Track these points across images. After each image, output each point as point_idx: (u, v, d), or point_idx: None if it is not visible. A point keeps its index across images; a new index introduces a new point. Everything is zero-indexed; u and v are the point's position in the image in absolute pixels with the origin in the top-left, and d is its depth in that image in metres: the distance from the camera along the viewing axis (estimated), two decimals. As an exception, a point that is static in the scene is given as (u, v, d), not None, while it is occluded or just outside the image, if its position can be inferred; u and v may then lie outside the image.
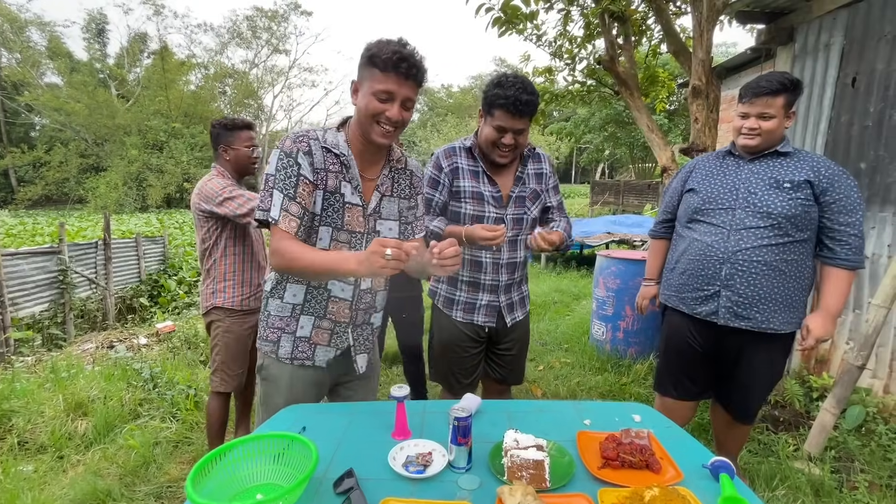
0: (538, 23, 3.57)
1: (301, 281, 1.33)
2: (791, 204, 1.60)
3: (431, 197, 1.66)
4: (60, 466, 2.25)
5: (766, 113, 1.61)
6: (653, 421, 1.27)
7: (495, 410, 1.32)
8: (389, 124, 1.22)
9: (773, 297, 1.64)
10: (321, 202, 1.25)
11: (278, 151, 1.23)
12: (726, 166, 1.77)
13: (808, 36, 2.96)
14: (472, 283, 1.72)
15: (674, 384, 1.94)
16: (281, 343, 1.35)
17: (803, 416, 2.66)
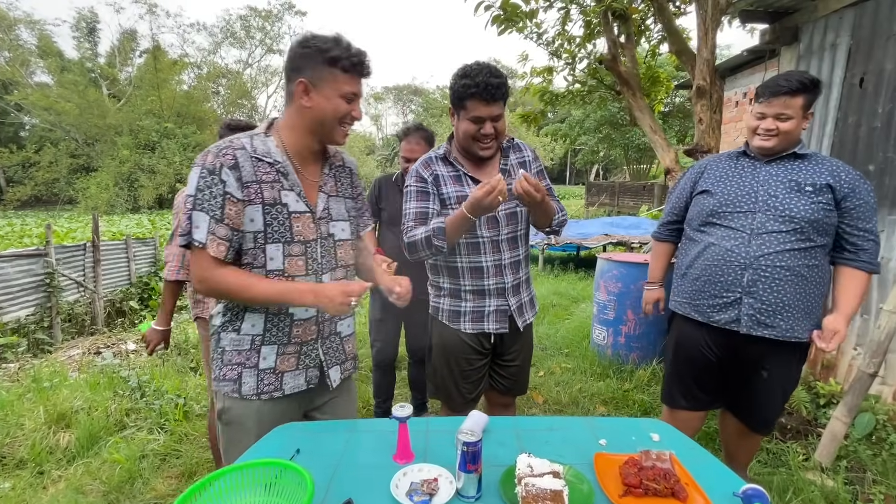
0: (538, 21, 3.50)
1: (258, 309, 1.22)
2: (814, 208, 1.54)
3: (426, 210, 1.57)
4: (40, 483, 2.14)
5: (784, 114, 1.54)
6: (672, 440, 1.19)
7: (503, 429, 1.23)
8: (351, 123, 1.22)
9: (796, 303, 1.58)
10: (262, 218, 1.15)
11: (198, 168, 1.11)
12: (742, 168, 1.69)
13: (813, 35, 2.91)
14: (477, 291, 1.63)
15: (683, 394, 1.86)
16: (243, 380, 1.22)
17: (811, 424, 2.60)
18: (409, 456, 1.10)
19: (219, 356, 1.23)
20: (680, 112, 17.81)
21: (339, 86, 1.15)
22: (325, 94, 1.15)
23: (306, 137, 1.21)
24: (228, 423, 1.26)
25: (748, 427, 1.81)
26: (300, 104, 1.16)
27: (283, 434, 1.22)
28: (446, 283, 1.66)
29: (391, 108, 47.68)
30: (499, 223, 1.59)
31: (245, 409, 1.24)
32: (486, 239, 1.58)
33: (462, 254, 1.59)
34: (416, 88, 45.89)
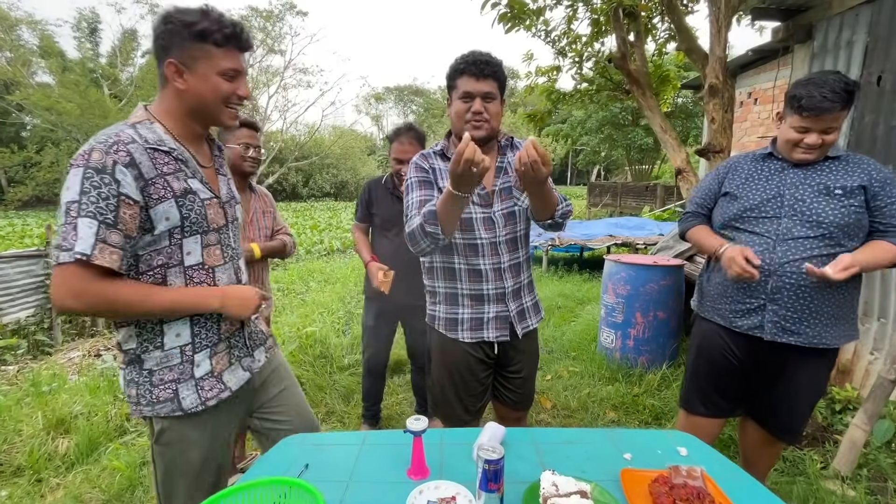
0: (546, 18, 3.45)
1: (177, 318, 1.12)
2: (844, 212, 1.47)
3: (429, 199, 1.45)
4: (38, 491, 2.08)
5: (831, 128, 1.45)
6: (701, 455, 1.13)
7: (521, 442, 1.17)
8: (239, 103, 1.12)
9: (824, 310, 1.52)
10: (178, 212, 1.05)
11: (80, 169, 0.95)
12: (768, 170, 1.62)
13: (827, 33, 2.85)
14: (475, 296, 1.53)
15: (703, 401, 1.80)
16: (181, 395, 1.11)
17: (827, 430, 2.53)
18: (424, 472, 1.04)
19: (146, 380, 1.10)
20: (682, 112, 17.74)
21: (216, 62, 1.05)
22: (199, 73, 1.05)
23: (189, 122, 1.11)
24: (168, 444, 1.15)
25: (772, 435, 1.75)
26: (175, 87, 1.06)
27: (291, 448, 1.16)
28: (442, 287, 1.57)
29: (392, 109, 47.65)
30: (495, 224, 1.50)
31: (187, 425, 1.14)
32: (484, 241, 1.49)
33: (459, 254, 1.51)
34: (417, 89, 45.88)
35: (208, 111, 1.10)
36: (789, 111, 1.51)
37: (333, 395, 3.02)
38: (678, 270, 3.40)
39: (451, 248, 1.51)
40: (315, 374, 3.24)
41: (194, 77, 1.05)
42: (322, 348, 3.61)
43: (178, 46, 1.03)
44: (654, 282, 3.29)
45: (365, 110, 44.49)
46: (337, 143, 31.43)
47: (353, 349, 3.70)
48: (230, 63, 1.06)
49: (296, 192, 30.15)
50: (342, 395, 3.02)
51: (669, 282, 3.31)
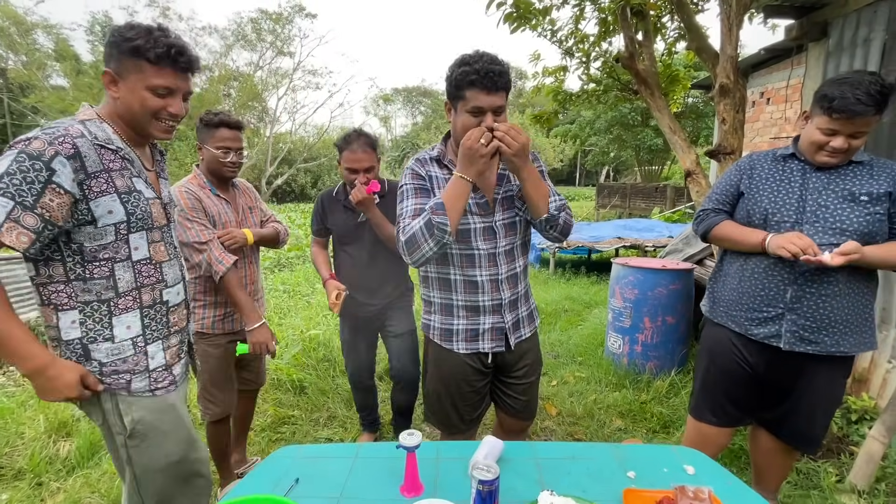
0: (552, 18, 3.39)
1: (129, 307, 1.14)
2: (869, 220, 1.41)
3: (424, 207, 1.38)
4: (38, 495, 2.08)
5: (860, 132, 1.38)
6: (709, 473, 1.07)
7: (520, 457, 1.13)
8: (172, 120, 1.16)
9: (843, 319, 1.47)
10: (122, 207, 1.10)
11: (15, 152, 0.99)
12: (790, 172, 1.54)
13: (843, 31, 2.76)
14: (471, 308, 1.48)
15: (712, 409, 1.74)
16: (133, 385, 1.15)
17: (842, 441, 2.45)
18: (417, 488, 1.00)
19: (95, 370, 1.11)
20: (692, 113, 17.51)
21: (146, 78, 1.08)
22: (129, 85, 1.09)
23: (126, 127, 1.16)
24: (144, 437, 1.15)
25: (790, 445, 1.69)
26: (110, 95, 1.12)
27: (282, 460, 1.13)
28: (437, 297, 1.52)
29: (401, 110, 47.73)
30: (496, 235, 1.45)
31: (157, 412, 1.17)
32: (482, 252, 1.44)
33: (455, 265, 1.46)
34: (425, 90, 45.89)
35: (136, 122, 1.13)
36: (818, 111, 1.43)
37: (336, 399, 2.99)
38: (688, 274, 3.33)
39: (447, 258, 1.46)
40: (318, 378, 3.21)
41: (124, 88, 1.10)
42: (326, 352, 3.59)
43: (115, 58, 1.09)
44: (663, 286, 3.22)
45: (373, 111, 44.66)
46: (345, 144, 31.52)
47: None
48: (161, 80, 1.09)
49: (304, 193, 30.32)
50: (344, 399, 2.99)
51: (679, 286, 3.24)
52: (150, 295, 1.17)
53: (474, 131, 1.26)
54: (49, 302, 1.08)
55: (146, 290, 1.16)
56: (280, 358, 3.39)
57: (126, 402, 1.13)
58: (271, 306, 5.05)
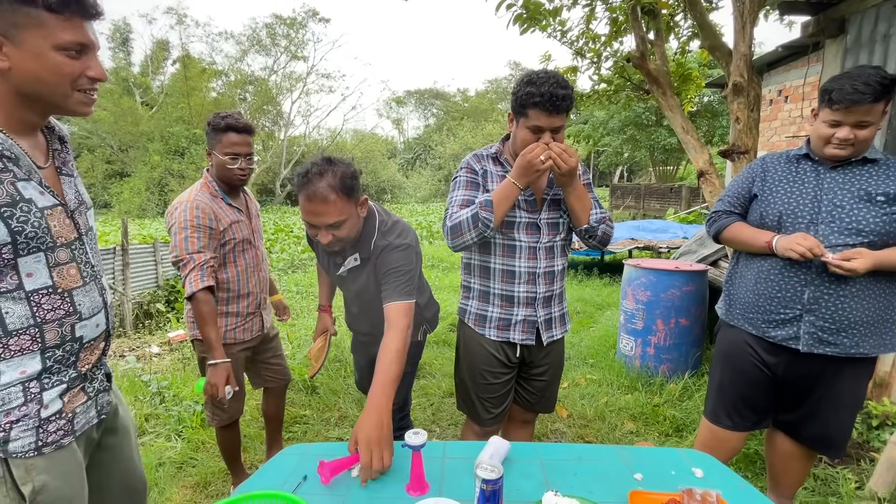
0: (562, 19, 3.39)
1: (28, 347, 0.87)
2: (886, 220, 1.39)
3: (472, 199, 1.51)
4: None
5: (865, 121, 1.37)
6: (718, 477, 1.06)
7: (526, 458, 1.13)
8: (93, 86, 0.88)
9: (863, 320, 1.44)
10: (3, 226, 0.81)
11: None
12: (803, 173, 1.54)
13: (862, 27, 2.70)
14: (507, 297, 1.57)
15: (728, 412, 1.72)
16: (11, 436, 0.85)
17: (862, 448, 2.39)
18: (423, 487, 1.01)
19: None
20: (708, 112, 17.24)
21: (50, 34, 0.81)
22: (29, 48, 0.81)
23: (19, 110, 0.86)
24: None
25: (811, 448, 1.66)
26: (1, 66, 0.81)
27: (290, 458, 1.15)
28: (476, 283, 1.63)
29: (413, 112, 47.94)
30: (539, 230, 1.54)
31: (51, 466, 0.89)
32: (523, 244, 1.53)
33: (497, 254, 1.55)
34: (437, 92, 46.03)
35: (49, 96, 0.85)
36: (821, 105, 1.46)
37: (347, 399, 3.02)
38: (702, 276, 3.28)
39: (489, 247, 1.55)
40: (329, 379, 3.25)
41: (21, 52, 0.81)
42: (337, 352, 3.62)
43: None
44: (676, 287, 3.18)
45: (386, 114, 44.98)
46: (358, 146, 31.85)
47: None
48: (72, 35, 0.83)
49: (318, 196, 30.63)
50: (355, 399, 3.01)
51: (692, 287, 3.19)
52: (55, 332, 0.90)
53: (536, 147, 1.36)
54: None
55: (50, 326, 0.89)
56: (292, 358, 3.43)
57: (19, 468, 0.86)
58: (284, 307, 5.12)
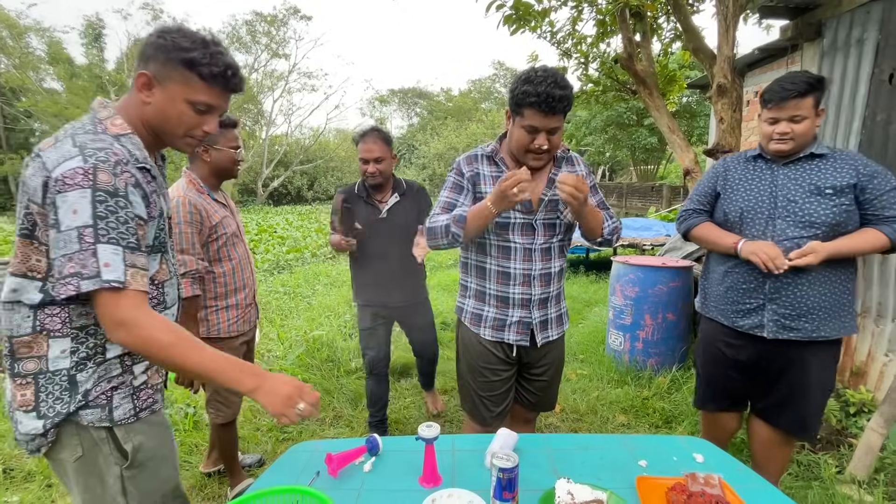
0: (551, 20, 3.44)
1: None
2: (835, 211, 1.52)
3: (454, 202, 1.52)
4: (49, 496, 2.08)
5: (797, 115, 1.53)
6: (718, 461, 1.11)
7: (534, 448, 1.16)
8: (202, 137, 1.07)
9: (822, 305, 1.57)
10: (154, 232, 1.01)
11: (88, 191, 0.86)
12: (759, 171, 1.68)
13: (837, 31, 2.81)
14: (502, 298, 1.55)
15: (712, 396, 1.88)
16: (114, 403, 0.99)
17: (841, 434, 2.50)
18: (436, 479, 1.03)
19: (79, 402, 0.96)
20: (686, 112, 17.63)
21: (191, 92, 0.99)
22: (169, 94, 0.99)
23: (149, 136, 1.04)
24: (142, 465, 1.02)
25: (787, 433, 1.75)
26: (140, 97, 1.00)
27: (301, 455, 1.16)
28: (473, 282, 1.62)
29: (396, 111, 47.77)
30: (535, 231, 1.51)
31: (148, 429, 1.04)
32: (518, 245, 1.51)
33: (492, 255, 1.54)
34: (421, 91, 45.93)
35: (164, 133, 1.04)
36: (762, 109, 1.63)
37: (341, 398, 3.01)
38: (687, 272, 3.37)
39: (485, 247, 1.54)
40: (322, 378, 3.23)
41: (162, 94, 0.99)
42: (329, 352, 3.61)
43: (159, 62, 0.98)
44: (663, 283, 3.26)
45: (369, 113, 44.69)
46: (341, 146, 31.54)
47: (359, 353, 3.69)
48: (205, 97, 1.01)
49: (301, 196, 30.26)
50: (349, 398, 3.01)
51: (678, 283, 3.28)
52: None
53: (513, 177, 1.26)
54: (42, 328, 0.94)
55: None
56: (284, 359, 3.41)
57: (123, 428, 1.00)
58: (272, 308, 5.07)
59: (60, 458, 0.99)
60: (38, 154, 0.93)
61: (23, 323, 0.94)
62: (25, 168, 0.94)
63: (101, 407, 0.98)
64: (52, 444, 0.97)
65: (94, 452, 0.99)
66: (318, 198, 30.18)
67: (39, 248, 0.92)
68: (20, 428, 0.96)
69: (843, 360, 2.85)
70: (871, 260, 2.65)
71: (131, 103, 1.02)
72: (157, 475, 1.06)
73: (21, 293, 0.93)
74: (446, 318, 4.71)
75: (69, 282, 0.85)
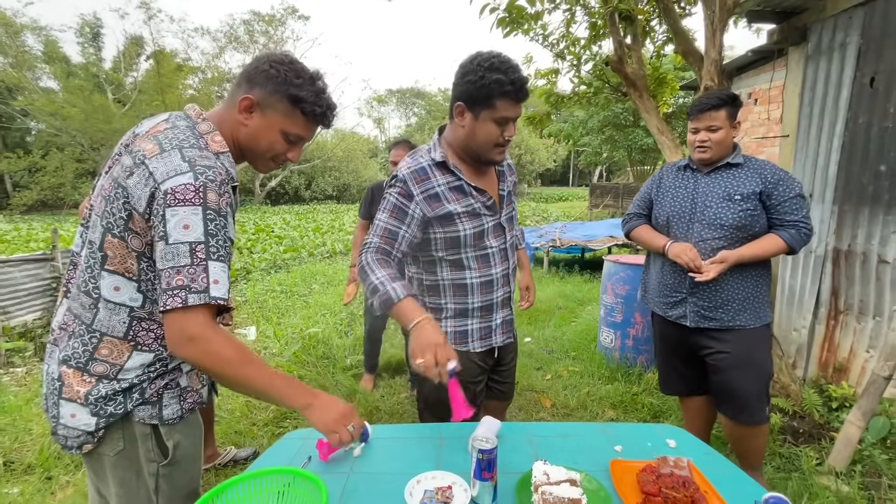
0: (544, 22, 3.50)
1: None
2: (741, 215, 1.73)
3: (397, 230, 1.34)
4: (48, 488, 2.13)
5: (713, 125, 1.76)
6: (689, 446, 1.17)
7: (516, 435, 1.22)
8: (284, 161, 1.12)
9: (736, 297, 1.78)
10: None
11: (199, 209, 0.89)
12: (685, 179, 1.90)
13: (822, 35, 2.88)
14: (486, 307, 1.47)
15: (667, 380, 2.12)
16: (164, 402, 1.02)
17: (823, 428, 2.56)
18: (466, 409, 1.10)
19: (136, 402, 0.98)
20: (683, 113, 17.72)
21: (289, 124, 1.04)
22: (267, 122, 1.03)
23: (235, 151, 1.08)
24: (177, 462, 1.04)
25: (730, 417, 1.87)
26: (237, 118, 1.04)
27: (294, 442, 1.21)
28: (450, 303, 1.46)
29: (394, 111, 47.82)
30: (504, 230, 1.48)
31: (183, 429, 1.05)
32: (494, 249, 1.45)
33: (472, 268, 1.42)
34: (418, 91, 46.01)
35: (251, 154, 1.09)
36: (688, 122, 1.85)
37: (336, 394, 3.05)
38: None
39: (462, 263, 1.42)
40: (318, 375, 3.29)
41: (260, 122, 1.03)
42: (325, 349, 3.66)
43: (267, 91, 1.01)
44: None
45: (367, 113, 44.72)
46: (339, 146, 31.54)
47: (354, 350, 3.75)
48: (300, 131, 1.06)
49: (298, 195, 30.24)
50: (344, 394, 3.06)
51: (668, 282, 3.34)
52: None
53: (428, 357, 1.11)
54: (133, 338, 0.97)
55: None
56: (280, 356, 3.46)
57: (168, 427, 1.02)
58: (269, 306, 5.11)
59: (99, 451, 0.99)
60: (143, 162, 0.91)
61: (118, 326, 0.95)
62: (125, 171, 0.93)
63: (152, 404, 1.00)
64: (97, 443, 0.98)
65: (135, 447, 1.00)
66: (315, 197, 30.18)
67: (130, 252, 0.93)
68: (70, 422, 0.95)
69: (825, 357, 2.93)
70: (854, 260, 2.72)
71: (228, 121, 1.04)
72: (188, 473, 1.08)
73: (123, 293, 0.95)
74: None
75: (177, 294, 0.87)
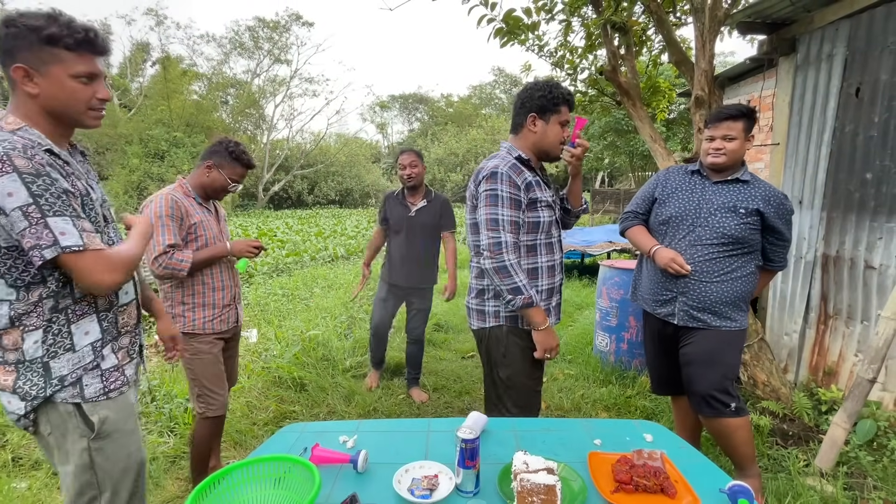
0: (539, 33, 3.58)
1: (86, 312, 1.10)
2: (742, 228, 1.84)
3: (517, 219, 1.59)
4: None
5: (729, 135, 1.84)
6: (665, 440, 1.23)
7: (501, 429, 1.28)
8: (102, 105, 1.11)
9: (722, 301, 1.88)
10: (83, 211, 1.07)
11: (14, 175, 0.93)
12: (693, 184, 1.97)
13: (809, 46, 2.96)
14: (548, 289, 1.73)
15: (656, 382, 2.20)
16: (84, 382, 1.09)
17: (813, 430, 2.61)
18: None
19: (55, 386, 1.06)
20: (684, 119, 17.79)
21: (68, 66, 1.02)
22: (52, 77, 1.02)
23: (51, 125, 1.07)
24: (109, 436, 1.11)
25: (696, 411, 1.97)
26: (26, 91, 1.02)
27: (291, 434, 1.28)
28: None
29: (397, 117, 48.07)
30: (559, 224, 1.78)
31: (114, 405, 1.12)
32: (555, 239, 1.74)
33: (542, 254, 1.70)
34: (421, 97, 46.25)
35: (68, 115, 1.07)
36: (704, 130, 1.95)
37: (335, 395, 3.13)
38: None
39: (536, 249, 1.68)
40: (318, 376, 3.35)
41: (46, 81, 1.02)
42: (325, 351, 3.72)
43: (25, 50, 0.99)
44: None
45: (370, 118, 44.99)
46: (342, 150, 31.77)
47: (354, 352, 3.81)
48: (85, 67, 1.04)
49: (301, 200, 30.41)
50: (343, 395, 3.13)
51: (661, 286, 3.40)
52: (104, 298, 1.14)
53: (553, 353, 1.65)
54: (20, 323, 1.03)
55: None
56: (281, 357, 3.53)
57: (90, 404, 1.09)
58: (271, 309, 5.18)
59: (39, 432, 1.10)
60: None
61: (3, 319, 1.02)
62: None
63: (73, 385, 1.08)
64: (34, 423, 1.08)
65: (65, 426, 1.08)
66: (318, 202, 30.34)
67: None
68: (9, 408, 1.07)
69: (815, 361, 2.98)
70: (842, 265, 2.78)
71: (19, 101, 1.04)
72: (125, 448, 1.14)
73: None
74: (440, 321, 4.83)
75: (33, 254, 0.95)
